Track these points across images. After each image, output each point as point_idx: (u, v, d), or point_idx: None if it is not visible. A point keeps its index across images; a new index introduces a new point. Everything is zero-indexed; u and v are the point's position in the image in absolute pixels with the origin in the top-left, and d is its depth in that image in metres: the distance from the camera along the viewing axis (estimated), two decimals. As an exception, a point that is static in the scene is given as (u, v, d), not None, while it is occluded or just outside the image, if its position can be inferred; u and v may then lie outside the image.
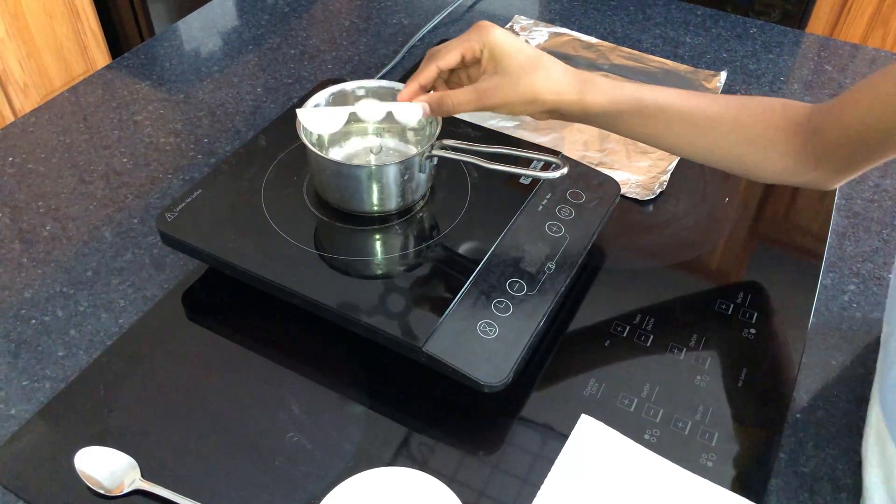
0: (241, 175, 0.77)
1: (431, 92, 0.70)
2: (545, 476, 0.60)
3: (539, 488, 0.59)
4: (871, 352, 0.72)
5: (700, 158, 0.72)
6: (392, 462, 0.61)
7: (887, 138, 0.63)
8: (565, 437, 0.63)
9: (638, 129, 0.70)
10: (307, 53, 1.09)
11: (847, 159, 0.67)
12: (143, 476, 0.60)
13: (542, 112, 0.68)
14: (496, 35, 0.65)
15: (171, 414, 0.65)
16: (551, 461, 0.61)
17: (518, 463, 0.62)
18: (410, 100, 0.68)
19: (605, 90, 0.67)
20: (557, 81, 0.66)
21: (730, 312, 0.73)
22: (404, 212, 0.74)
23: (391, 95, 0.75)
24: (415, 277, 0.68)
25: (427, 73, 0.67)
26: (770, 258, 0.80)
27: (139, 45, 1.10)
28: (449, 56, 0.66)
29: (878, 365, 0.63)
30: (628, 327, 0.72)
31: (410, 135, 0.80)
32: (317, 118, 0.70)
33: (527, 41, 1.11)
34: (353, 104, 0.73)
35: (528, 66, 0.65)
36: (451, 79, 0.71)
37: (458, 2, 1.20)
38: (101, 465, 0.60)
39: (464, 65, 0.68)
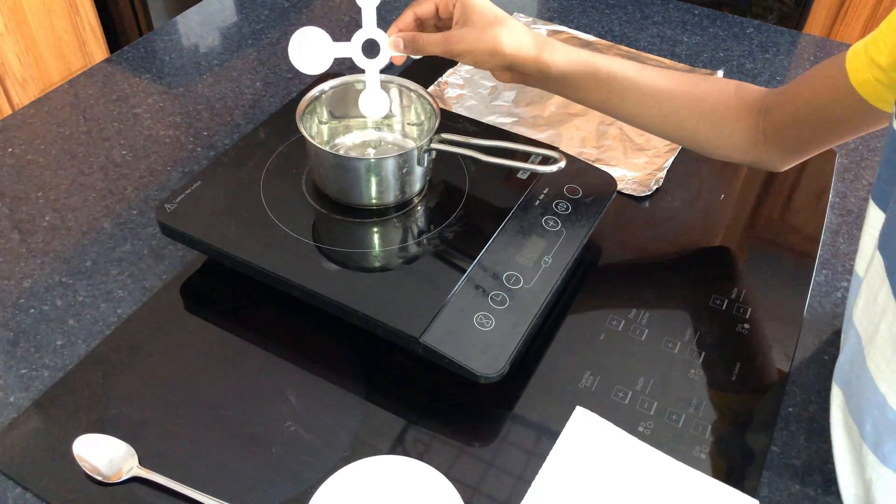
0: (240, 167, 0.77)
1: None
2: (540, 467, 0.61)
3: (534, 479, 0.60)
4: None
5: (653, 129, 0.77)
6: (388, 453, 0.62)
7: (832, 121, 0.68)
8: (560, 428, 0.63)
9: (592, 95, 0.74)
10: (306, 49, 1.10)
11: (795, 140, 0.72)
12: (140, 463, 0.60)
13: (502, 68, 0.72)
14: None
15: (170, 403, 0.65)
16: (546, 452, 0.62)
17: (513, 454, 0.62)
18: (389, 36, 0.72)
19: (561, 52, 0.71)
20: (518, 39, 0.70)
21: (724, 307, 0.74)
22: (402, 205, 0.74)
23: (394, 88, 0.77)
24: (412, 269, 0.69)
25: (404, 17, 0.72)
26: (764, 255, 0.81)
27: (138, 39, 1.11)
28: (425, 5, 0.72)
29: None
30: (623, 321, 0.72)
31: (409, 129, 0.80)
32: (305, 54, 0.71)
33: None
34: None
35: (494, 21, 0.69)
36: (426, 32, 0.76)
37: (457, -1, 1.20)
38: (100, 452, 0.60)
39: (440, 20, 0.73)
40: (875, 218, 0.57)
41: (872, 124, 0.66)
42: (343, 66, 1.07)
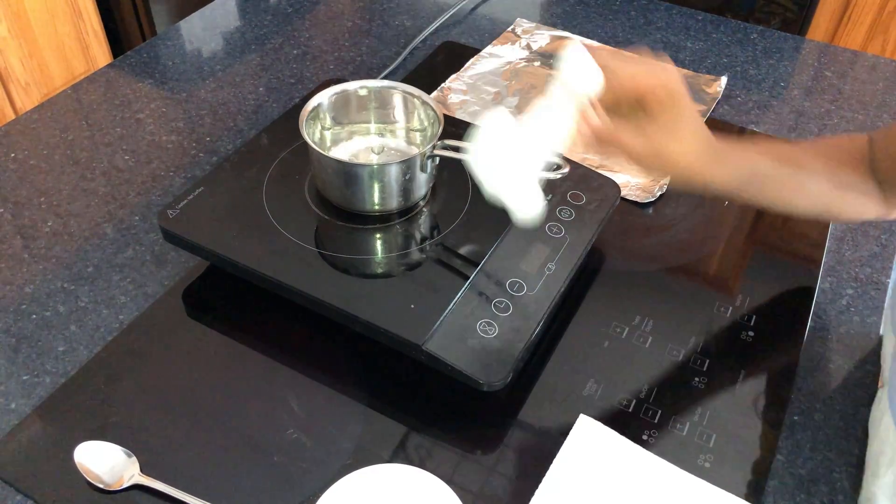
0: (242, 173, 0.77)
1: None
2: (543, 475, 0.60)
3: (537, 487, 0.59)
4: (868, 355, 0.72)
5: (798, 213, 0.70)
6: (390, 461, 0.62)
7: None
8: (564, 436, 0.63)
9: (746, 199, 0.67)
10: (309, 54, 1.10)
11: None
12: (142, 471, 0.60)
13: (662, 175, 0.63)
14: (683, 88, 0.58)
15: (171, 410, 0.65)
16: (549, 460, 0.61)
17: (516, 462, 0.62)
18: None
19: (730, 164, 0.62)
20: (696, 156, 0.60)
21: (728, 315, 0.74)
22: (405, 211, 0.74)
23: (397, 94, 0.77)
24: (415, 276, 0.69)
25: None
26: (769, 262, 0.81)
27: (141, 44, 1.11)
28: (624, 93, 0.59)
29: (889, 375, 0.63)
30: (627, 328, 0.72)
31: (412, 135, 0.80)
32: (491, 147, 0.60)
33: (528, 44, 1.11)
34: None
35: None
36: None
37: (461, 4, 1.20)
38: (101, 459, 0.60)
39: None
40: None
41: None
42: (346, 72, 1.07)
